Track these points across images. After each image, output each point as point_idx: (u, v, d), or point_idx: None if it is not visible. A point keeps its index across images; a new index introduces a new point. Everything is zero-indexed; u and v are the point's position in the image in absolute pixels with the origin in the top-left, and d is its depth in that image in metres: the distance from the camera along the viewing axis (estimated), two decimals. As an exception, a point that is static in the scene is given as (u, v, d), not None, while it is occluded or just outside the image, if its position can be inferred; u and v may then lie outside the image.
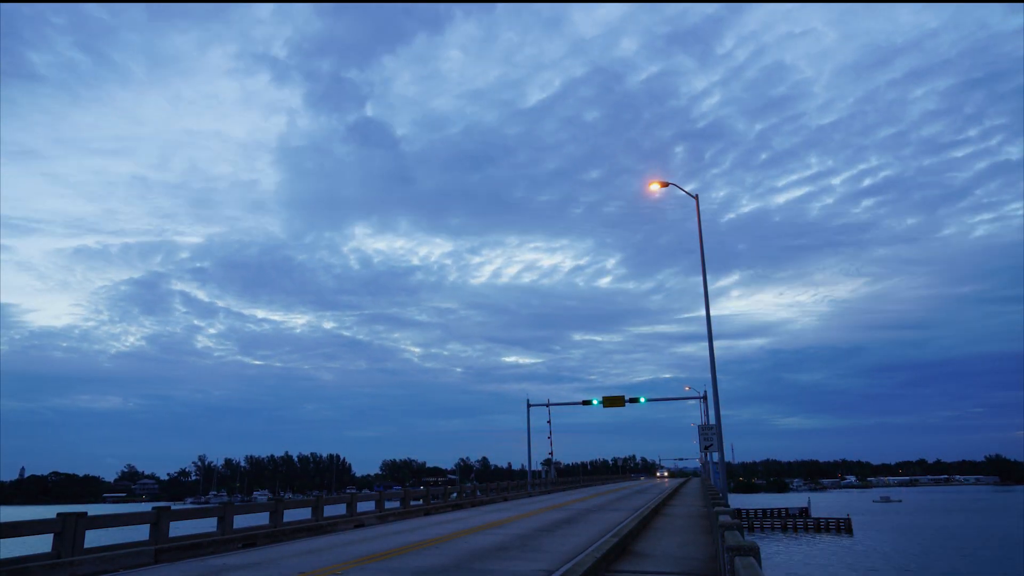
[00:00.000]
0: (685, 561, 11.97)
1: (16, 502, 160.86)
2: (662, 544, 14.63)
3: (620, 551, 12.97)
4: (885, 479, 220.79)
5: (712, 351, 28.85)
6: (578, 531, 16.88)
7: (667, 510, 25.94)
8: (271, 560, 12.73)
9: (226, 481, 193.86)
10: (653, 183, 30.47)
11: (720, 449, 30.93)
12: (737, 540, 6.81)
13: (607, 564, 11.25)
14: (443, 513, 25.92)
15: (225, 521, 15.81)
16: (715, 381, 28.69)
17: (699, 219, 31.05)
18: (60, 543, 11.84)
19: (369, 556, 12.71)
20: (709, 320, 29.29)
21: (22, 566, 10.64)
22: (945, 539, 60.65)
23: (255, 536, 16.08)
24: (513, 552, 12.85)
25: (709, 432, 44.17)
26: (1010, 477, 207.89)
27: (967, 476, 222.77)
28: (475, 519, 21.79)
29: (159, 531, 13.88)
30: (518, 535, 16.02)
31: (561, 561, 11.44)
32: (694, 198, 31.25)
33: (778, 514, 77.56)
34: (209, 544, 14.49)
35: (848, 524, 69.74)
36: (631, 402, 61.31)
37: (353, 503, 22.32)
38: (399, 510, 24.59)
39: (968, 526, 72.60)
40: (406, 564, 11.49)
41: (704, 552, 13.04)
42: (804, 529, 72.28)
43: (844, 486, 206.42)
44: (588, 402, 62.60)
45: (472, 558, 12.03)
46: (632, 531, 15.59)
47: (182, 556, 13.56)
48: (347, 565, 11.54)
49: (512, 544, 14.18)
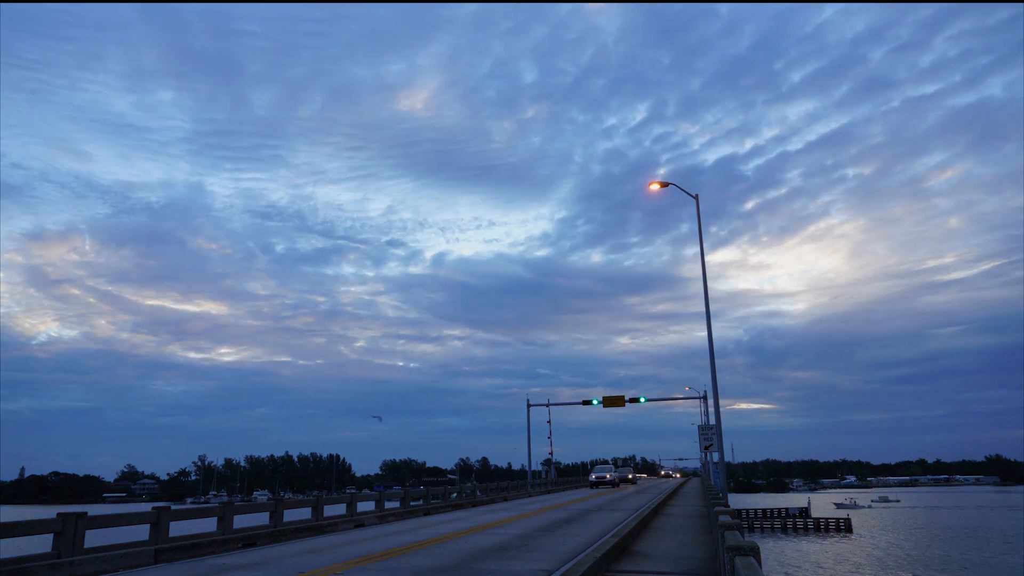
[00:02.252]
0: (685, 561, 11.97)
1: (16, 502, 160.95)
2: (662, 544, 14.63)
3: (620, 551, 12.98)
4: (885, 479, 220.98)
5: (712, 351, 28.88)
6: (578, 531, 16.88)
7: (667, 510, 25.94)
8: (271, 560, 12.74)
9: (226, 481, 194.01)
10: (653, 183, 30.50)
11: (720, 449, 30.98)
12: (737, 540, 6.81)
13: (607, 564, 11.25)
14: (443, 513, 25.93)
15: (225, 521, 15.82)
16: (715, 381, 28.72)
17: (699, 219, 31.07)
18: (60, 543, 11.85)
19: (369, 556, 12.71)
20: (709, 321, 29.32)
21: (22, 566, 10.65)
22: (945, 539, 60.71)
23: (255, 536, 16.08)
24: (513, 552, 12.85)
25: (709, 432, 44.21)
26: (1010, 477, 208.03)
27: (967, 476, 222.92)
28: (475, 519, 21.80)
29: (159, 531, 13.88)
30: (518, 535, 16.03)
31: (561, 561, 11.44)
32: (694, 198, 31.26)
33: (778, 514, 77.64)
34: (209, 544, 14.50)
35: (848, 524, 69.84)
36: (631, 402, 61.43)
37: (353, 503, 22.34)
38: (399, 510, 24.61)
39: (968, 526, 72.65)
40: (406, 564, 11.49)
41: (704, 552, 13.05)
42: (804, 529, 72.36)
43: (844, 486, 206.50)
44: (588, 402, 62.71)
45: (472, 558, 12.04)
46: (632, 531, 15.59)
47: (182, 556, 13.56)
48: (347, 565, 11.54)
49: (512, 544, 14.18)
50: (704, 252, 30.59)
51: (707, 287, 29.68)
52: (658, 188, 30.64)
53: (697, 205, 31.21)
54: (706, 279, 29.91)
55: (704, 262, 30.41)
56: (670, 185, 30.59)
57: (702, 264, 30.49)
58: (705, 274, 30.06)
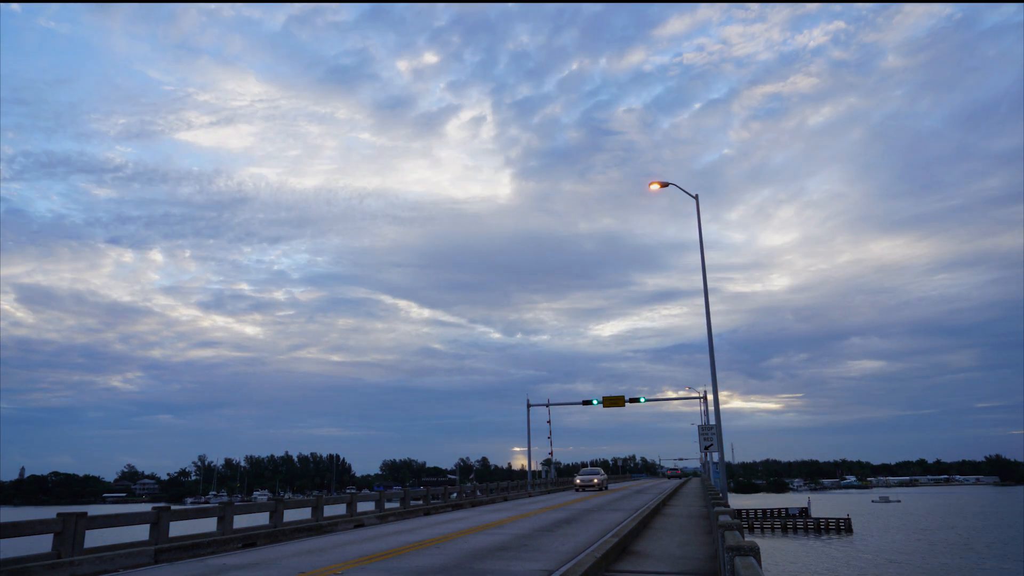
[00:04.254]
0: (685, 561, 11.97)
1: (16, 502, 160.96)
2: (662, 544, 14.63)
3: (620, 551, 12.98)
4: (886, 479, 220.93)
5: (712, 352, 28.87)
6: (578, 531, 16.88)
7: (667, 510, 25.95)
8: (271, 560, 12.73)
9: (226, 481, 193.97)
10: (653, 183, 30.50)
11: (720, 449, 30.97)
12: (737, 540, 6.81)
13: (607, 564, 11.25)
14: (443, 513, 25.92)
15: (225, 521, 15.82)
16: (715, 381, 28.72)
17: (699, 219, 31.07)
18: (60, 543, 11.85)
19: (369, 556, 12.71)
20: (709, 322, 29.31)
21: (22, 566, 10.64)
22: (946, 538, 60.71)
23: (255, 536, 16.08)
24: (513, 552, 12.85)
25: (709, 432, 44.24)
26: (1010, 477, 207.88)
27: (967, 476, 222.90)
28: (475, 519, 21.80)
29: (159, 531, 13.89)
30: (518, 535, 16.03)
31: (561, 561, 11.44)
32: (694, 198, 31.26)
33: (778, 514, 77.64)
34: (209, 544, 14.50)
35: (848, 524, 69.83)
36: (631, 402, 61.46)
37: (353, 503, 22.34)
38: (399, 510, 24.61)
39: (968, 526, 72.65)
40: (406, 564, 11.49)
41: (704, 552, 13.05)
42: (804, 529, 72.35)
43: (844, 486, 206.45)
44: (588, 402, 62.72)
45: (472, 558, 12.04)
46: (632, 531, 15.59)
47: (182, 556, 13.56)
48: (347, 565, 11.54)
49: (512, 544, 14.18)
50: (704, 253, 30.58)
51: (707, 287, 29.69)
52: (658, 188, 30.63)
53: (697, 205, 31.21)
54: (706, 280, 29.91)
55: (704, 263, 30.41)
56: (670, 185, 30.57)
57: (702, 264, 30.48)
58: (705, 275, 30.06)
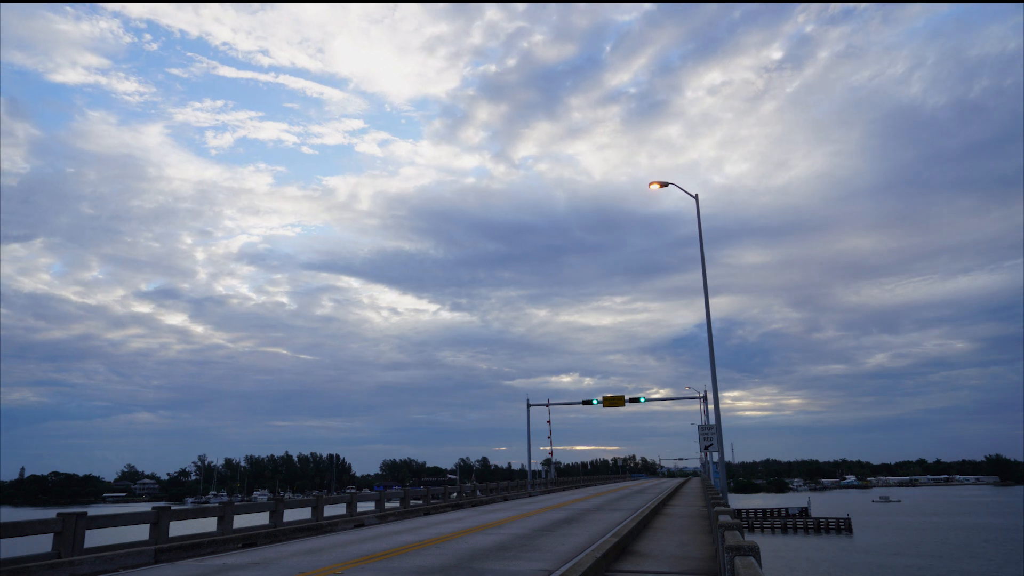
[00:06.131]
0: (685, 561, 11.97)
1: (16, 502, 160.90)
2: (662, 544, 14.63)
3: (620, 551, 12.98)
4: (886, 479, 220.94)
5: (712, 352, 28.88)
6: (578, 531, 16.88)
7: (667, 510, 25.95)
8: (271, 560, 12.73)
9: (226, 481, 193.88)
10: (653, 183, 30.49)
11: (720, 449, 30.98)
12: (737, 540, 6.81)
13: (607, 564, 11.25)
14: (443, 513, 25.92)
15: (225, 521, 15.82)
16: (715, 382, 28.73)
17: (699, 219, 31.07)
18: (60, 543, 11.86)
19: (369, 556, 12.71)
20: (709, 322, 29.31)
21: (22, 566, 10.65)
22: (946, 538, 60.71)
23: (255, 536, 16.08)
24: (513, 552, 12.85)
25: (709, 432, 44.24)
26: (1010, 477, 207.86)
27: (967, 476, 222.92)
28: (475, 519, 21.79)
29: (159, 531, 13.89)
30: (518, 535, 16.03)
31: (561, 561, 11.44)
32: (694, 198, 31.26)
33: (778, 514, 77.65)
34: (209, 544, 14.50)
35: (848, 524, 69.84)
36: (631, 402, 61.50)
37: (353, 503, 22.34)
38: (399, 510, 24.61)
39: (968, 526, 72.65)
40: (406, 564, 11.49)
41: (704, 552, 13.05)
42: (804, 529, 72.36)
43: (844, 486, 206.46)
44: (588, 402, 62.76)
45: (472, 558, 12.04)
46: (632, 531, 15.59)
47: (182, 556, 13.56)
48: (347, 565, 11.54)
49: (512, 544, 14.18)
50: (704, 253, 30.58)
51: (707, 287, 29.70)
52: (658, 188, 30.63)
53: (697, 205, 31.20)
54: (706, 280, 29.91)
55: (704, 262, 30.41)
56: (670, 185, 30.57)
57: (702, 265, 30.48)
58: (705, 275, 30.06)
